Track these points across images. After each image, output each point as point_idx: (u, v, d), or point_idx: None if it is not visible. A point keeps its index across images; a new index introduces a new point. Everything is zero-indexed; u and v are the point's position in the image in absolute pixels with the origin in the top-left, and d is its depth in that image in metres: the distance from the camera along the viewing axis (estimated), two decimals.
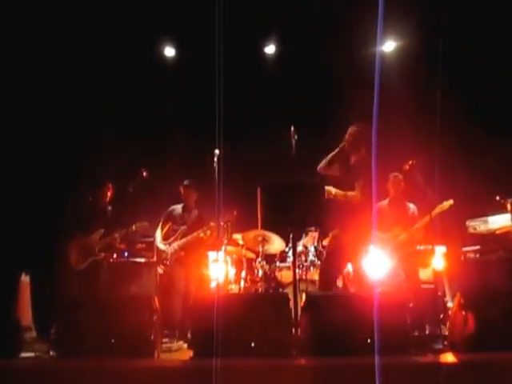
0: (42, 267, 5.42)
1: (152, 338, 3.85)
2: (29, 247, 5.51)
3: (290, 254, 5.83)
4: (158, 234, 5.79)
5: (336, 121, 6.41)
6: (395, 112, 6.04)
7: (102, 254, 5.38)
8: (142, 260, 5.79)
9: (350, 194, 4.70)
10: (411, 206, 5.40)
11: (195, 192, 5.86)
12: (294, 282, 4.30)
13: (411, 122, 6.23)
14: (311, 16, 6.51)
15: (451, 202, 5.09)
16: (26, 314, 4.91)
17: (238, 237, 6.06)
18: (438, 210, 5.00)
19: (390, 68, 6.74)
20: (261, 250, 5.92)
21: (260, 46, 7.27)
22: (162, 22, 6.52)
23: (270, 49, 7.26)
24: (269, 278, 5.91)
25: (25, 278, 5.13)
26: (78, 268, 5.25)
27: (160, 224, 5.83)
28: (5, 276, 4.92)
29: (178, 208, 5.91)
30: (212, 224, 5.60)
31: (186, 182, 5.87)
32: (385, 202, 5.47)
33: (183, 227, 5.72)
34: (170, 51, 7.17)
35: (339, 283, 5.91)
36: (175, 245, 5.68)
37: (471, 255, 5.43)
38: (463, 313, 3.94)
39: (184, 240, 5.68)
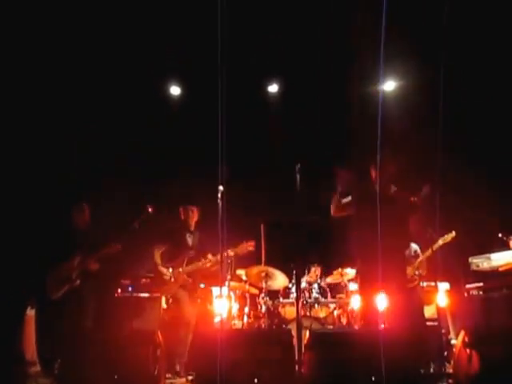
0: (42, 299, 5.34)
1: (156, 373, 3.85)
2: (33, 280, 5.46)
3: (294, 290, 5.83)
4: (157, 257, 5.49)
5: (339, 158, 6.53)
6: (397, 148, 6.14)
7: (78, 281, 5.06)
8: (146, 295, 5.79)
9: None
10: (413, 246, 5.42)
11: (197, 213, 5.63)
12: (298, 319, 4.29)
13: (411, 159, 6.32)
14: (314, 56, 6.71)
15: (453, 234, 5.11)
16: (30, 347, 4.86)
17: (241, 272, 6.06)
18: (440, 242, 5.03)
19: (391, 106, 6.89)
20: (264, 285, 5.92)
21: (263, 85, 7.46)
22: (168, 62, 6.73)
23: (273, 88, 7.47)
24: (272, 313, 5.88)
25: (30, 312, 5.09)
26: (54, 297, 5.01)
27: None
28: (10, 310, 4.90)
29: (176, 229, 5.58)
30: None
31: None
32: None
33: (191, 252, 5.47)
34: (175, 90, 7.37)
35: (343, 320, 5.90)
36: (181, 270, 5.40)
37: (474, 292, 5.41)
38: (467, 351, 3.91)
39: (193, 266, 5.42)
